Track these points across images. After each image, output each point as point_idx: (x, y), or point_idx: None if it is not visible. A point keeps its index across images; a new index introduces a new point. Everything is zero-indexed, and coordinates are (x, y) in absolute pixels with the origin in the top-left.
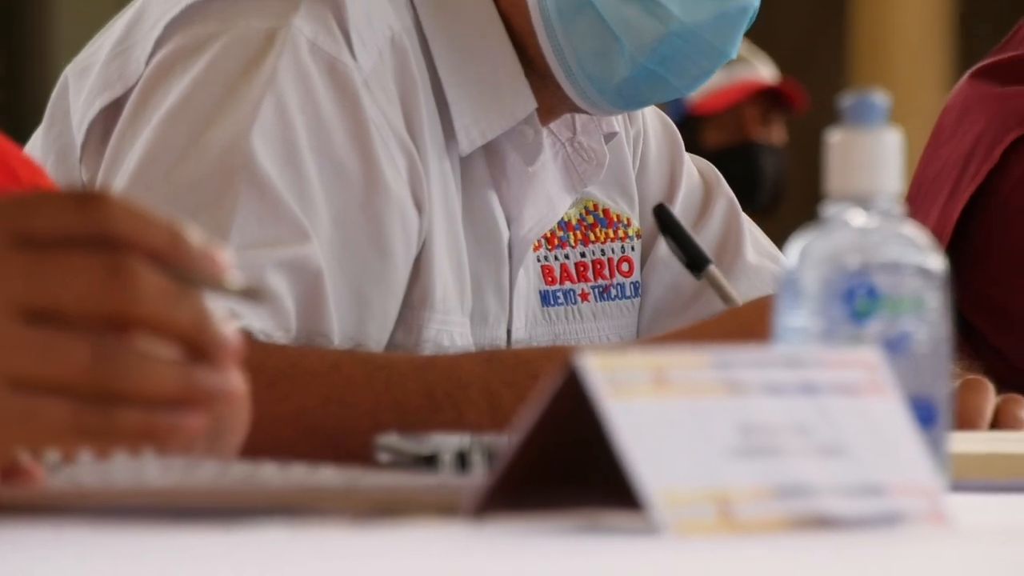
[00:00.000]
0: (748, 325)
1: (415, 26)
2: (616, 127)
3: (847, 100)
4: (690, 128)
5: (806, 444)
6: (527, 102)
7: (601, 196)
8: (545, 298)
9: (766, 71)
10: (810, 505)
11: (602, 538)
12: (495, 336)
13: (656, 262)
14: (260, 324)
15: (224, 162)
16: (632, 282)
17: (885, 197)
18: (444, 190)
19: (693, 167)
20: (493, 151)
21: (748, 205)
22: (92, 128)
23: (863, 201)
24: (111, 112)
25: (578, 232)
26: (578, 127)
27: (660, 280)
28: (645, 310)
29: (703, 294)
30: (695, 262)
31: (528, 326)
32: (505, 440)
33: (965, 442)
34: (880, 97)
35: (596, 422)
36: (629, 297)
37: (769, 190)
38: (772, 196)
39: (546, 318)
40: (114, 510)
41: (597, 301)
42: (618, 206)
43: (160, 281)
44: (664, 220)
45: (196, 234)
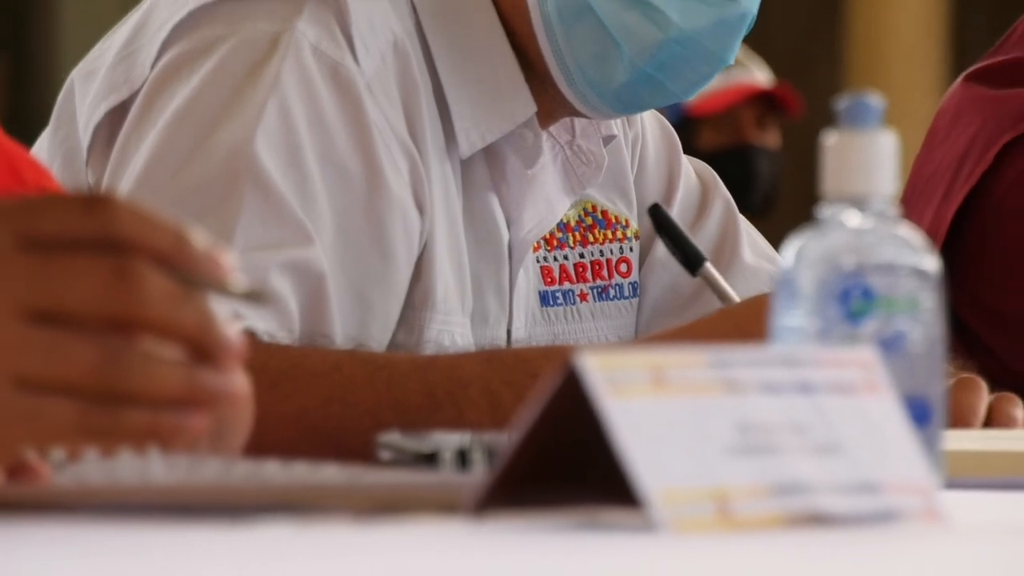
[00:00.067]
0: (743, 324)
1: (417, 30)
2: (615, 130)
3: (843, 103)
4: (686, 130)
5: (803, 442)
6: (527, 106)
7: (600, 198)
8: (544, 298)
9: (762, 75)
10: (807, 503)
11: (601, 535)
12: (495, 336)
13: (654, 263)
14: (264, 325)
15: (229, 165)
16: (630, 283)
17: (880, 199)
18: (445, 192)
19: (691, 169)
20: (493, 154)
21: (742, 207)
22: (98, 131)
23: (859, 202)
24: (117, 115)
25: (577, 233)
26: (577, 130)
27: (658, 281)
28: (643, 310)
29: (701, 294)
30: (690, 260)
31: (528, 326)
32: (505, 438)
33: (959, 440)
34: (875, 100)
35: (595, 421)
36: (627, 297)
37: (763, 192)
38: (766, 198)
39: (545, 318)
40: (119, 507)
41: (596, 301)
42: (616, 208)
43: (165, 284)
44: (659, 219)
45: (201, 237)
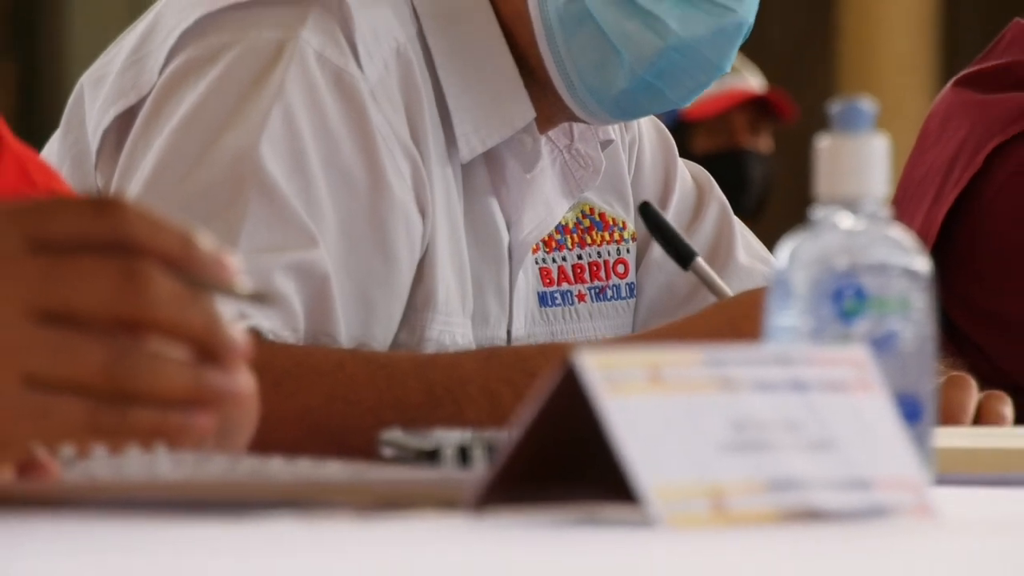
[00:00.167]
0: (736, 318)
1: (419, 37)
2: (612, 135)
3: (836, 107)
4: (681, 134)
5: (796, 439)
6: (526, 112)
7: (597, 200)
8: (543, 299)
9: (755, 81)
10: (800, 498)
11: (599, 530)
12: (495, 336)
13: (650, 264)
14: (268, 324)
15: (234, 170)
16: (627, 283)
17: (872, 201)
18: (446, 196)
19: (686, 172)
20: (493, 158)
21: (735, 210)
22: (107, 135)
23: (851, 204)
24: (125, 120)
25: (575, 235)
26: (575, 135)
27: (654, 281)
28: (640, 310)
29: (696, 294)
30: (681, 255)
31: (527, 326)
32: (505, 436)
33: (949, 437)
34: (867, 104)
35: (593, 418)
36: (624, 298)
37: (755, 196)
38: (758, 201)
39: (544, 318)
40: (127, 503)
41: (593, 302)
42: (614, 210)
43: (173, 285)
44: (649, 216)
45: (207, 240)
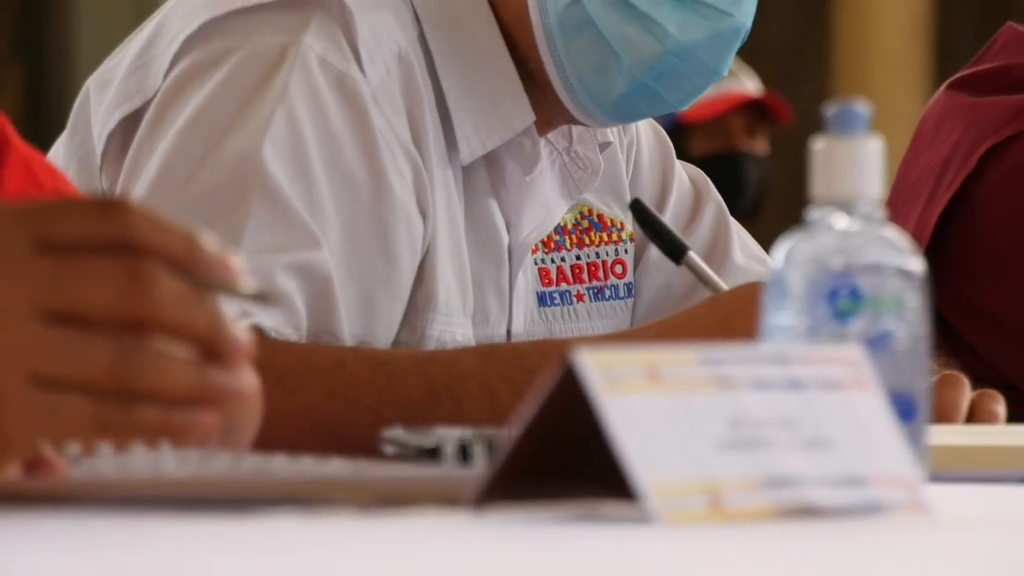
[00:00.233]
0: (729, 313)
1: (420, 41)
2: (610, 137)
3: (831, 109)
4: (678, 136)
5: (792, 437)
6: (526, 115)
7: (596, 202)
8: (542, 299)
9: (751, 84)
10: (796, 495)
11: (597, 527)
12: (495, 335)
13: (648, 264)
14: (271, 322)
15: (238, 172)
16: (625, 283)
17: (867, 202)
18: (447, 198)
19: (684, 174)
20: (493, 161)
21: (732, 211)
22: (112, 138)
23: (846, 205)
24: (130, 123)
25: (574, 236)
26: (574, 137)
27: (652, 281)
28: (638, 310)
29: (693, 294)
30: (673, 250)
31: (526, 326)
32: (505, 433)
33: (943, 435)
34: (862, 106)
35: (592, 417)
36: (623, 298)
37: (751, 198)
38: (754, 203)
39: (543, 318)
40: (133, 500)
41: (592, 302)
42: (612, 211)
43: (177, 286)
44: (640, 213)
45: (211, 241)
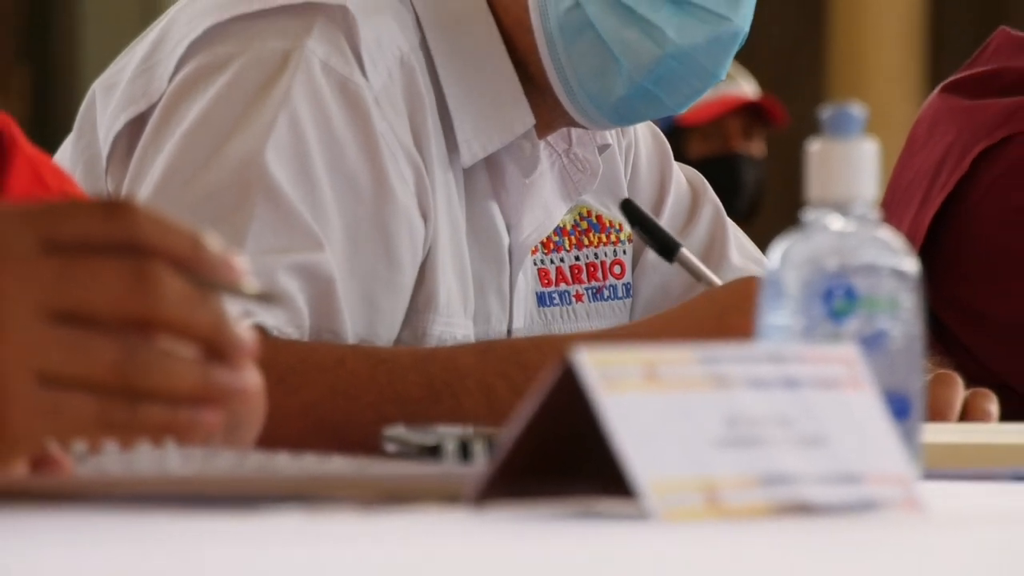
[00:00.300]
0: (724, 307)
1: (422, 46)
2: (609, 139)
3: (826, 112)
4: (676, 138)
5: (788, 435)
6: (525, 118)
7: (595, 203)
8: (541, 299)
9: (748, 87)
10: (792, 492)
11: (596, 524)
12: (496, 335)
13: (646, 265)
14: (273, 321)
15: (241, 175)
16: (624, 283)
17: (862, 203)
18: (448, 200)
19: (681, 176)
20: (493, 163)
21: (729, 212)
22: (117, 140)
23: (841, 207)
24: (135, 126)
25: (573, 237)
26: (574, 139)
27: (650, 281)
28: (636, 310)
29: (690, 293)
30: (666, 248)
31: (526, 325)
32: (505, 432)
33: (937, 433)
34: (857, 109)
35: (591, 415)
36: (621, 298)
37: (748, 199)
38: (751, 205)
39: (542, 318)
40: (138, 497)
41: (591, 302)
42: (611, 212)
43: (182, 286)
44: (631, 213)
45: (215, 242)
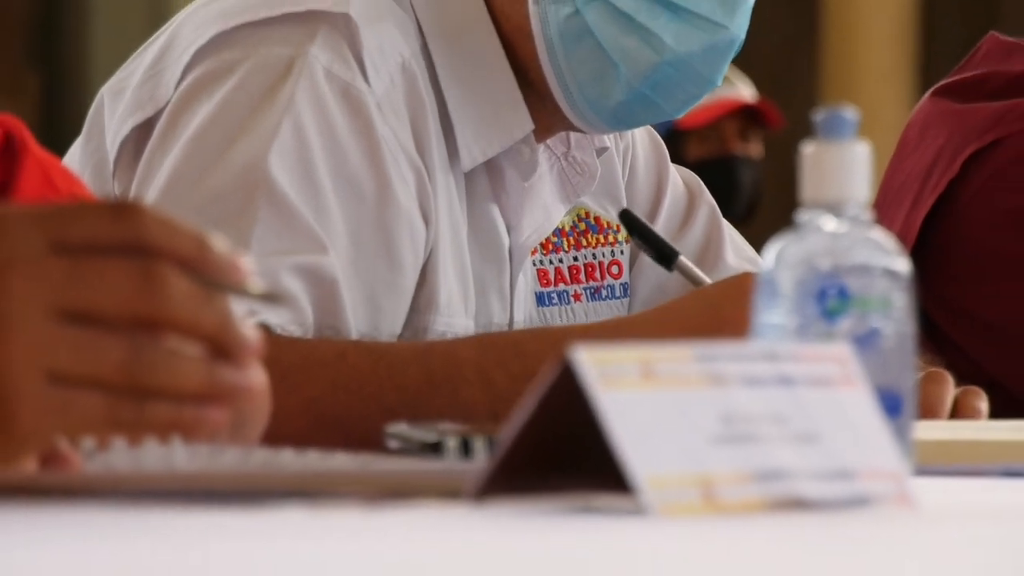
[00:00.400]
0: (719, 302)
1: (423, 52)
2: (607, 142)
3: (820, 115)
4: (674, 141)
5: (783, 432)
6: (524, 124)
7: (593, 205)
8: (541, 299)
9: (746, 90)
10: (786, 488)
11: (594, 519)
12: None
13: (643, 265)
14: (277, 320)
15: (245, 179)
16: (621, 283)
17: (855, 204)
18: (449, 203)
19: (678, 177)
20: (493, 167)
21: (726, 214)
22: (124, 144)
23: (834, 208)
24: (142, 131)
25: (571, 238)
26: (572, 142)
27: (647, 281)
28: (634, 309)
29: (686, 292)
30: (665, 256)
31: (526, 325)
32: (505, 429)
33: (928, 430)
34: (850, 112)
35: (589, 412)
36: (619, 297)
37: (746, 200)
38: (749, 206)
39: (542, 317)
40: (145, 493)
41: (589, 301)
42: (608, 214)
43: (188, 286)
44: (630, 222)
45: (221, 243)
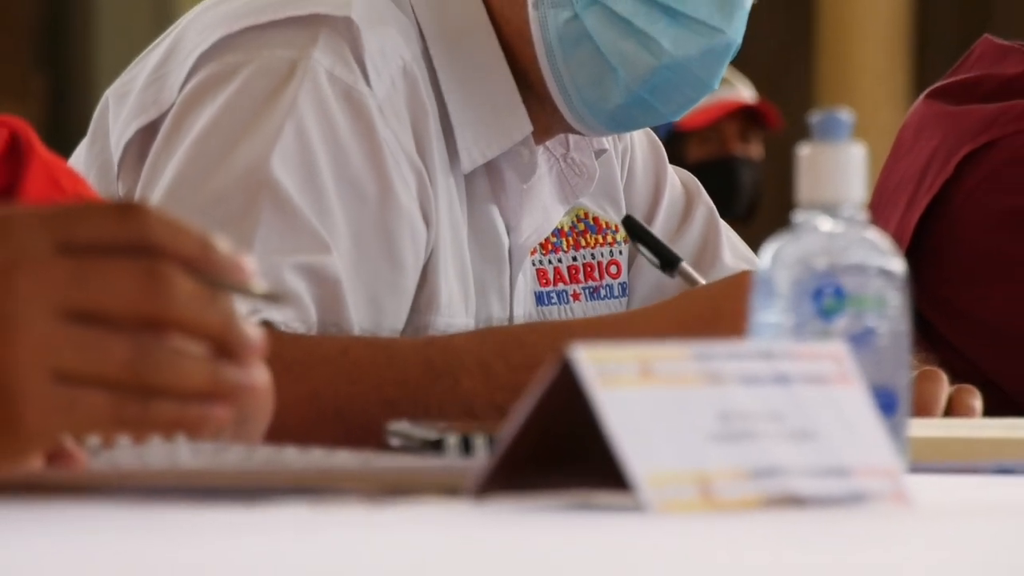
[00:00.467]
0: (717, 299)
1: (424, 56)
2: (606, 144)
3: (816, 117)
4: (675, 143)
5: (779, 429)
6: (523, 126)
7: (591, 206)
8: (540, 299)
9: (746, 91)
10: (783, 485)
11: (593, 516)
12: None
13: (641, 265)
14: (281, 318)
15: (248, 181)
16: (620, 283)
17: (850, 205)
18: (450, 205)
19: (676, 178)
20: (493, 169)
21: (727, 214)
22: (129, 147)
23: (830, 209)
24: (147, 133)
25: (570, 238)
26: (571, 144)
27: (645, 281)
28: (631, 308)
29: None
30: (667, 261)
31: None
32: (505, 426)
33: (923, 428)
34: (846, 114)
35: (588, 410)
36: (617, 297)
37: (746, 200)
38: (749, 206)
39: (541, 317)
40: (149, 490)
41: (588, 301)
42: (607, 215)
43: (192, 286)
44: (632, 228)
45: (224, 243)
